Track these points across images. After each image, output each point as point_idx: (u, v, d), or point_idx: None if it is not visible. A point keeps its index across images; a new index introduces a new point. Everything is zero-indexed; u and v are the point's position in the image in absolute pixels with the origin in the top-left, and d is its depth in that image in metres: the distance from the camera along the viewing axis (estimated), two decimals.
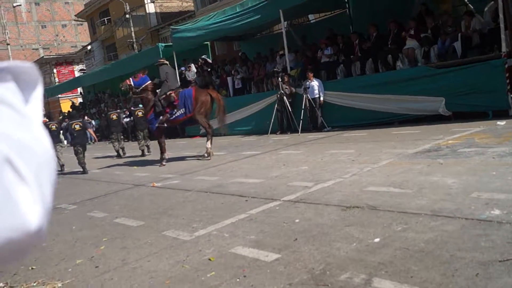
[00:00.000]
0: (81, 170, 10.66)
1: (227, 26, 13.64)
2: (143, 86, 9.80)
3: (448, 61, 9.27)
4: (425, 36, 9.99)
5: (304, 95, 11.23)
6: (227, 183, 6.35)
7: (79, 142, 10.79)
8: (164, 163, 9.60)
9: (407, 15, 10.95)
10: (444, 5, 10.38)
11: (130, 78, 10.04)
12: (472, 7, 10.07)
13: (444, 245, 2.92)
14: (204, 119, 9.59)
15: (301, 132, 11.15)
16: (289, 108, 11.62)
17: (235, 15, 13.32)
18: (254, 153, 9.13)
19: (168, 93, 9.53)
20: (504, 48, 8.24)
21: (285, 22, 12.99)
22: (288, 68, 12.43)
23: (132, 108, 14.05)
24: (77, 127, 10.85)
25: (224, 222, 4.37)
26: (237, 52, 20.13)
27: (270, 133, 11.92)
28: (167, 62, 10.45)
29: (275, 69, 12.33)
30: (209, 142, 9.49)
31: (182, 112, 9.54)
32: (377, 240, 3.22)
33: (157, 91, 9.77)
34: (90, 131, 12.26)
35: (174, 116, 9.65)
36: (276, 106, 11.87)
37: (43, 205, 0.61)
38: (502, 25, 8.20)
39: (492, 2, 8.97)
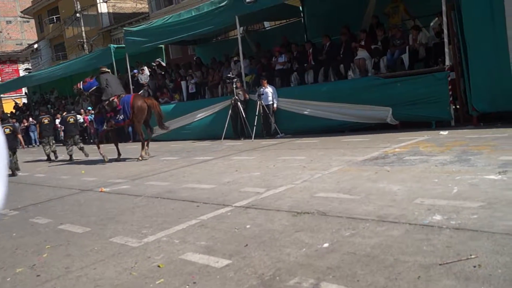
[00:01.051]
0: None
1: (182, 30, 13.53)
2: (90, 90, 10.80)
3: (396, 72, 9.66)
4: (375, 48, 10.36)
5: (258, 102, 11.31)
6: (179, 189, 6.27)
7: (8, 146, 10.50)
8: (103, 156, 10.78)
9: (359, 26, 11.32)
10: (393, 18, 10.81)
11: (80, 82, 11.02)
12: (419, 22, 10.55)
13: (389, 249, 3.02)
14: (140, 126, 10.47)
15: (254, 138, 11.21)
16: (243, 114, 11.66)
17: (190, 19, 13.24)
18: (206, 158, 9.08)
19: (111, 99, 10.28)
20: (447, 62, 8.67)
21: (241, 28, 13.06)
22: (243, 74, 12.48)
23: (65, 114, 13.93)
24: (7, 130, 10.70)
25: (175, 228, 4.30)
26: (192, 56, 20.02)
27: (224, 139, 11.90)
28: (109, 70, 11.36)
29: (228, 75, 12.34)
30: (143, 151, 10.42)
31: (122, 118, 10.35)
32: (326, 245, 3.29)
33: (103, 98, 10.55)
34: (19, 136, 12.15)
35: (115, 121, 10.47)
36: (230, 111, 11.88)
37: (3, 187, 0.61)
38: (446, 40, 8.65)
39: (437, 18, 9.45)
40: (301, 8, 14.48)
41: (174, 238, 3.99)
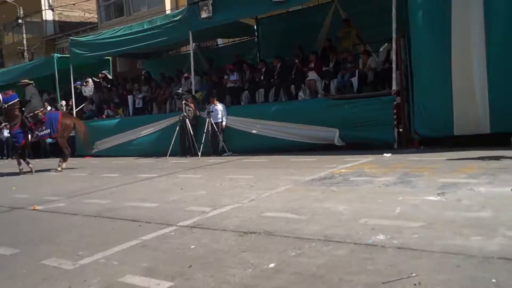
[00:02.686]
0: None
1: (133, 42, 13.26)
2: (10, 103, 11.07)
3: (345, 95, 9.92)
4: (326, 70, 10.63)
5: (207, 119, 11.19)
6: (120, 207, 5.98)
7: None
8: (20, 169, 11.21)
9: (312, 48, 11.59)
10: (345, 42, 11.17)
11: (0, 94, 11.29)
12: (369, 47, 10.95)
13: (335, 269, 3.00)
14: (65, 142, 11.33)
15: (201, 156, 11.05)
16: (191, 131, 11.48)
17: (142, 32, 13.00)
18: (150, 175, 8.81)
19: (35, 112, 10.97)
20: (394, 87, 9.00)
21: (194, 44, 12.99)
22: (193, 91, 12.35)
23: None
24: None
25: (114, 249, 4.06)
26: (140, 70, 19.65)
27: (169, 156, 11.64)
28: (32, 83, 11.75)
29: (178, 91, 12.15)
30: (64, 163, 11.13)
31: (48, 132, 11.06)
32: (272, 265, 3.21)
33: (23, 109, 11.07)
34: None
35: (40, 134, 11.12)
36: (177, 128, 11.66)
37: None
38: (394, 66, 9.00)
39: (386, 44, 9.84)
40: (255, 27, 14.64)
41: (113, 260, 3.76)
